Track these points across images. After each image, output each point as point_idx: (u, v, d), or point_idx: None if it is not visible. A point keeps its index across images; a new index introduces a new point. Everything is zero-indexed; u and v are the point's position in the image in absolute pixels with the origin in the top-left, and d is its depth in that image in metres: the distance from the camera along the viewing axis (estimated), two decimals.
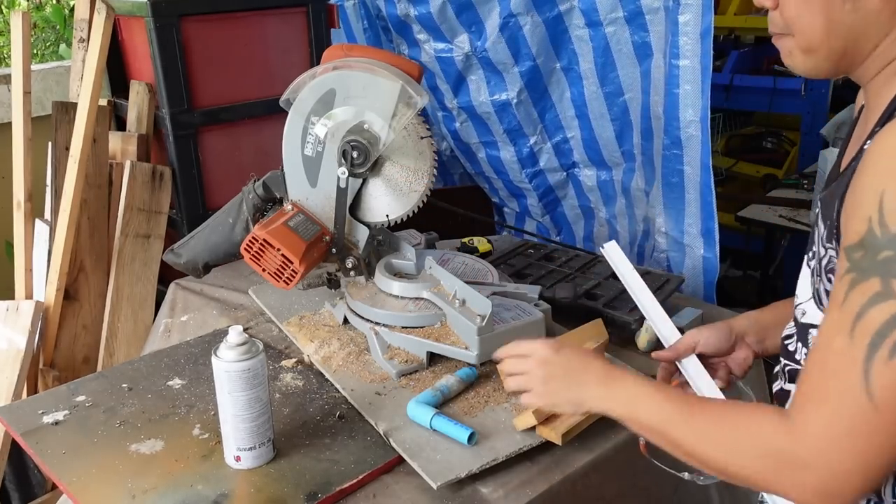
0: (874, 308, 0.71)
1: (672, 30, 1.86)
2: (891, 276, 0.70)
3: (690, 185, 1.98)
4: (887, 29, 0.80)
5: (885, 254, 0.70)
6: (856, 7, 0.80)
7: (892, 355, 0.70)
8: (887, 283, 0.70)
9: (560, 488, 1.16)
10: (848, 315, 0.73)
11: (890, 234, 0.70)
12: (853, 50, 0.83)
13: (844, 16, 0.80)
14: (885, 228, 0.70)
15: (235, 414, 1.13)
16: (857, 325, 0.72)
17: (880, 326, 0.70)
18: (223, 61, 2.11)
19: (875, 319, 0.71)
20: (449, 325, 1.39)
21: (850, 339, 0.72)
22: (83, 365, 2.11)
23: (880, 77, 0.84)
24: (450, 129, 2.71)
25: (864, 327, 0.71)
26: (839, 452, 0.73)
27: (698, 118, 1.87)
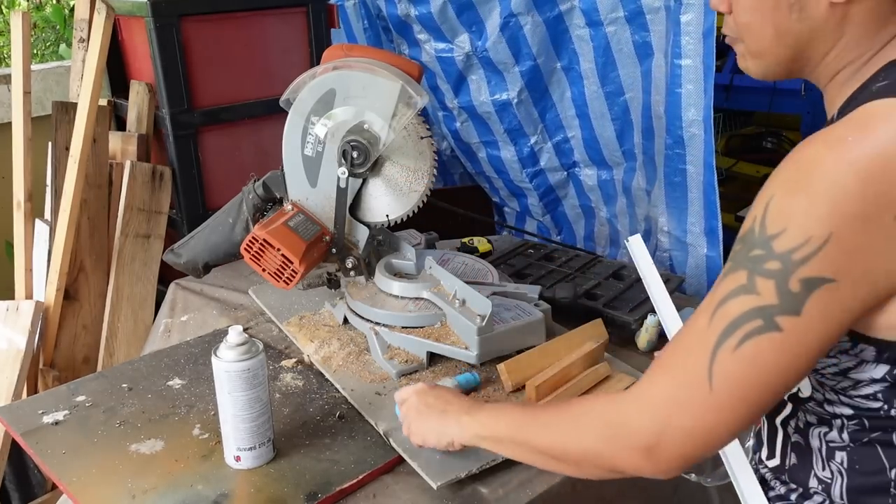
0: (735, 299, 0.75)
1: (674, 29, 1.86)
2: (756, 273, 0.74)
3: (693, 185, 1.98)
4: (835, 37, 0.82)
5: (756, 252, 0.75)
6: (802, 17, 0.82)
7: (737, 346, 0.75)
8: (752, 279, 0.75)
9: (560, 488, 1.16)
10: (714, 300, 0.78)
11: (765, 236, 0.74)
12: (803, 56, 0.85)
13: (791, 24, 0.82)
14: (763, 230, 0.74)
15: (235, 414, 1.13)
16: (718, 310, 0.77)
17: (735, 317, 0.75)
18: (223, 61, 2.11)
19: (733, 310, 0.75)
20: (449, 325, 1.39)
21: (708, 322, 0.77)
22: (83, 365, 2.11)
23: (833, 83, 0.86)
24: (450, 129, 2.71)
25: (723, 314, 0.76)
26: (668, 417, 0.78)
27: (701, 117, 1.87)
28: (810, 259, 0.71)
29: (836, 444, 0.86)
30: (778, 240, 0.73)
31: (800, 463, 0.92)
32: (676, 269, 2.15)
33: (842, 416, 0.85)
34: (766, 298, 0.74)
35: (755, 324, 0.74)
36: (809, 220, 0.71)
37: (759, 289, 0.74)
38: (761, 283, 0.74)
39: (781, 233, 0.73)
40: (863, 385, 0.81)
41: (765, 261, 0.74)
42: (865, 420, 0.83)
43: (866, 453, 0.84)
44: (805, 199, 0.72)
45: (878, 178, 0.70)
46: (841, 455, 0.86)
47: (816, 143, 0.74)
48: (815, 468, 0.90)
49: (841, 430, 0.86)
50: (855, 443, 0.85)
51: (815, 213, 0.71)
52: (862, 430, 0.84)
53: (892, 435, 0.82)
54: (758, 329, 0.74)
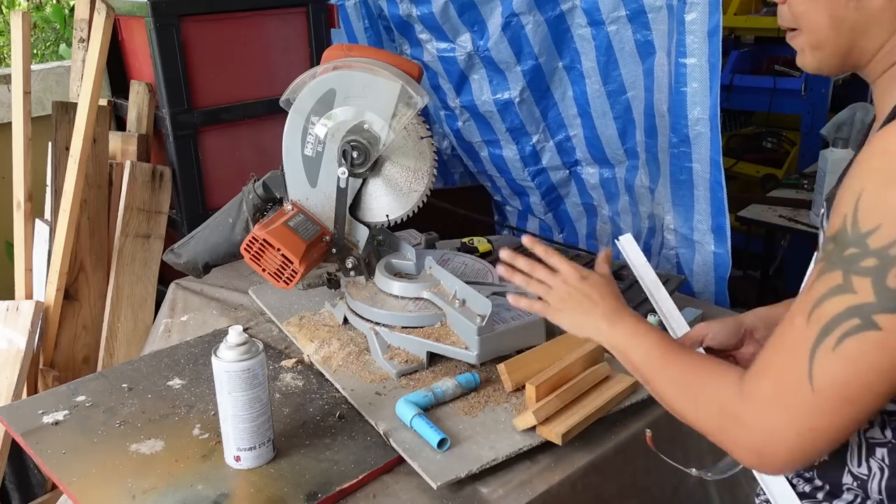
0: (832, 299, 0.74)
1: (679, 28, 1.86)
2: (852, 272, 0.73)
3: (699, 182, 1.98)
4: (892, 28, 0.81)
5: (851, 251, 0.73)
6: (859, 6, 0.81)
7: (836, 345, 0.73)
8: (848, 278, 0.73)
9: (560, 488, 1.16)
10: (810, 299, 0.76)
11: (858, 233, 0.72)
12: (859, 47, 0.84)
13: (848, 13, 0.81)
14: (856, 227, 0.73)
15: (235, 414, 1.13)
16: (815, 310, 0.75)
17: (833, 317, 0.74)
18: (223, 61, 2.11)
19: (830, 310, 0.74)
20: (449, 325, 1.39)
21: (806, 321, 0.76)
22: (83, 365, 2.11)
23: (885, 78, 0.85)
24: (452, 128, 2.71)
25: (820, 314, 0.75)
26: (775, 419, 0.78)
27: (707, 116, 1.87)
28: None
29: (876, 440, 0.85)
30: (874, 236, 0.71)
31: (832, 460, 0.90)
32: (683, 267, 2.14)
33: (883, 413, 0.83)
34: (862, 297, 0.72)
35: (853, 323, 0.73)
36: None
37: (856, 287, 0.72)
38: (858, 282, 0.72)
39: (877, 229, 0.71)
40: None
41: (861, 259, 0.72)
42: None
43: None
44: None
45: None
46: (882, 451, 0.85)
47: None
48: (849, 465, 0.88)
49: (883, 426, 0.84)
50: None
51: None
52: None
53: None
54: (856, 328, 0.72)
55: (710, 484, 1.40)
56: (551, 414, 1.22)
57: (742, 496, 1.45)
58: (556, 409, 1.23)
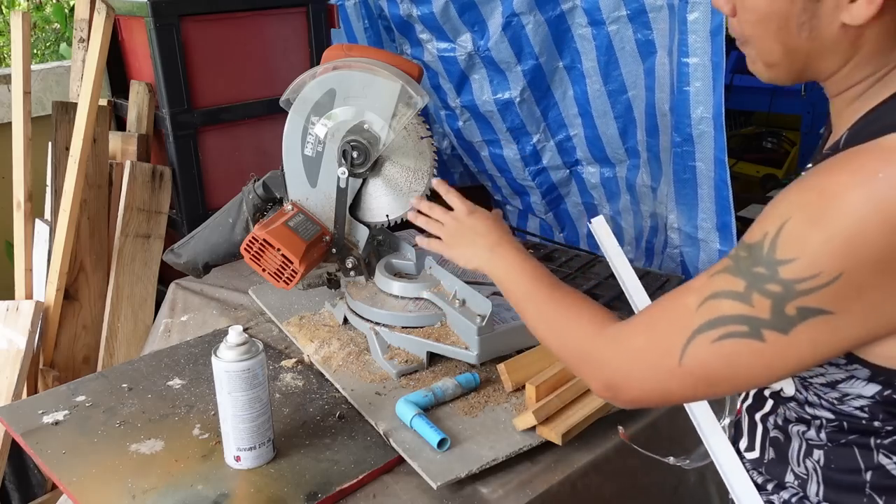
0: (728, 300, 0.76)
1: (680, 28, 1.85)
2: (755, 288, 0.74)
3: (703, 181, 1.98)
4: (847, 56, 0.78)
5: (761, 270, 0.74)
6: (812, 36, 0.78)
7: (717, 339, 0.76)
8: (749, 292, 0.75)
9: (560, 488, 1.16)
10: (709, 288, 0.78)
11: (773, 258, 0.73)
12: (813, 69, 0.82)
13: (801, 42, 0.79)
14: (773, 250, 0.73)
15: (235, 414, 1.13)
16: (709, 301, 0.78)
17: (722, 316, 0.76)
18: (223, 61, 2.11)
19: (723, 309, 0.76)
20: (449, 325, 1.39)
21: (698, 304, 0.78)
22: (83, 365, 2.11)
23: (841, 99, 0.83)
24: (453, 128, 2.71)
25: (712, 307, 0.77)
26: (637, 369, 0.84)
27: (710, 115, 1.87)
28: (813, 292, 0.71)
29: (813, 442, 0.86)
30: (786, 267, 0.72)
31: (777, 458, 0.92)
32: (688, 265, 2.14)
33: (822, 418, 0.85)
34: (758, 312, 0.74)
35: (740, 328, 0.75)
36: (822, 255, 0.70)
37: (755, 303, 0.74)
38: (757, 299, 0.74)
39: (791, 261, 0.72)
40: (850, 399, 0.80)
41: (767, 281, 0.73)
42: (845, 423, 0.83)
43: (843, 453, 0.84)
44: (822, 233, 0.70)
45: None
46: (818, 453, 0.86)
47: (844, 172, 0.71)
48: (791, 464, 0.90)
49: (819, 429, 0.85)
50: (832, 443, 0.84)
51: (830, 249, 0.69)
52: (840, 431, 0.83)
53: (870, 439, 0.81)
54: (741, 333, 0.75)
55: (709, 483, 1.40)
56: (551, 414, 1.22)
57: None
58: (556, 409, 1.22)
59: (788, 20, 0.77)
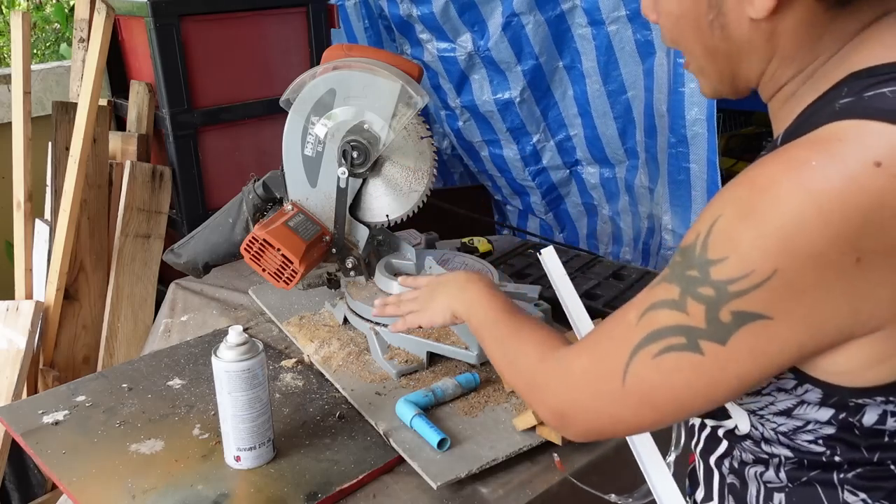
0: (665, 310, 0.72)
1: None
2: (688, 293, 0.70)
3: (697, 183, 1.98)
4: (767, 54, 0.76)
5: (693, 273, 0.70)
6: (725, 35, 0.76)
7: (657, 354, 0.73)
8: (684, 298, 0.71)
9: (560, 488, 1.16)
10: (647, 300, 0.75)
11: (704, 259, 0.69)
12: (741, 74, 0.79)
13: (717, 42, 0.77)
14: (704, 251, 0.69)
15: (235, 414, 1.13)
16: (648, 313, 0.74)
17: (661, 328, 0.73)
18: (223, 61, 2.11)
19: (660, 320, 0.73)
20: None
21: (637, 320, 0.75)
22: (83, 365, 2.11)
23: (775, 101, 0.80)
24: (453, 128, 2.71)
25: (650, 320, 0.74)
26: (582, 395, 0.81)
27: (704, 116, 1.87)
28: (747, 294, 0.66)
29: (773, 484, 0.81)
30: (716, 267, 0.67)
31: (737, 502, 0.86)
32: None
33: (780, 456, 0.79)
34: (693, 320, 0.70)
35: (678, 340, 0.71)
36: (754, 251, 0.65)
37: (689, 310, 0.70)
38: (692, 305, 0.70)
39: (721, 260, 0.67)
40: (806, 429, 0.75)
41: (699, 284, 0.69)
42: (805, 459, 0.77)
43: (805, 494, 0.78)
44: (753, 228, 0.65)
45: (841, 215, 0.61)
46: (779, 497, 0.81)
47: (775, 163, 0.66)
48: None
49: (778, 468, 0.80)
50: (793, 483, 0.79)
51: (762, 245, 0.64)
52: (800, 468, 0.78)
53: (832, 474, 0.76)
54: (680, 346, 0.71)
55: None
56: None
57: None
58: None
59: (699, 20, 0.76)
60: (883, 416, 0.71)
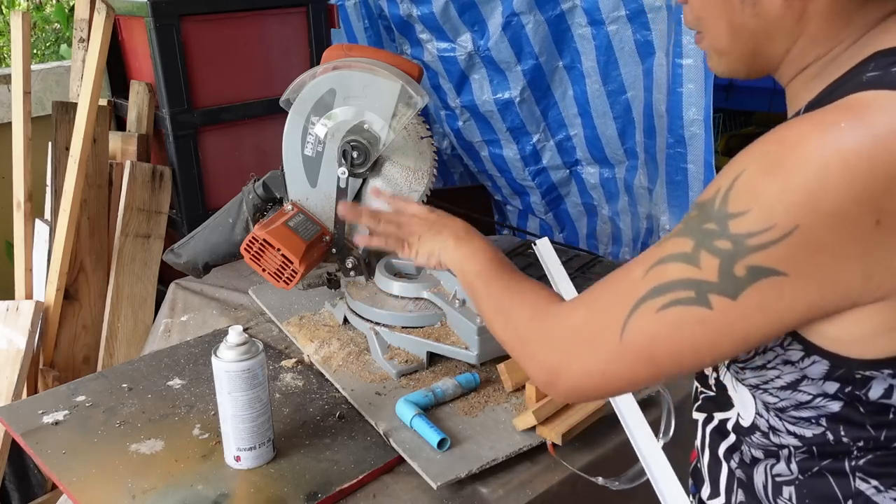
0: (675, 264, 0.71)
1: (675, 28, 1.86)
2: (703, 247, 0.69)
3: (694, 184, 1.98)
4: (794, 34, 0.76)
5: (710, 226, 0.69)
6: (756, 12, 0.76)
7: (661, 308, 0.72)
8: (697, 251, 0.70)
9: (560, 488, 1.16)
10: (654, 255, 0.74)
11: (724, 212, 0.68)
12: (764, 54, 0.79)
13: (746, 20, 0.77)
14: (724, 204, 0.68)
15: (235, 414, 1.13)
16: (655, 268, 0.73)
17: (669, 281, 0.71)
18: (223, 61, 2.11)
19: (669, 273, 0.72)
20: (449, 325, 1.39)
21: (643, 274, 0.74)
22: (83, 365, 2.11)
23: (796, 82, 0.81)
24: (453, 128, 2.71)
25: (658, 273, 0.73)
26: (575, 348, 0.79)
27: (701, 117, 1.87)
28: (766, 248, 0.66)
29: (783, 477, 0.81)
30: (736, 220, 0.67)
31: (748, 500, 0.85)
32: None
33: (789, 447, 0.79)
34: (705, 274, 0.69)
35: (687, 293, 0.70)
36: (778, 206, 0.65)
37: (702, 263, 0.69)
38: (705, 259, 0.69)
39: (742, 213, 0.67)
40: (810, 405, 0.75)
41: (716, 237, 0.68)
42: (814, 448, 0.77)
43: (816, 485, 0.78)
44: (778, 183, 0.65)
45: (868, 173, 0.62)
46: (789, 490, 0.80)
47: (804, 124, 0.67)
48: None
49: (788, 460, 0.80)
50: (804, 474, 0.79)
51: (786, 199, 0.64)
52: (811, 458, 0.78)
53: (844, 462, 0.76)
54: (688, 300, 0.70)
55: None
56: (551, 414, 1.22)
57: None
58: (556, 409, 1.22)
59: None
60: (889, 389, 0.71)
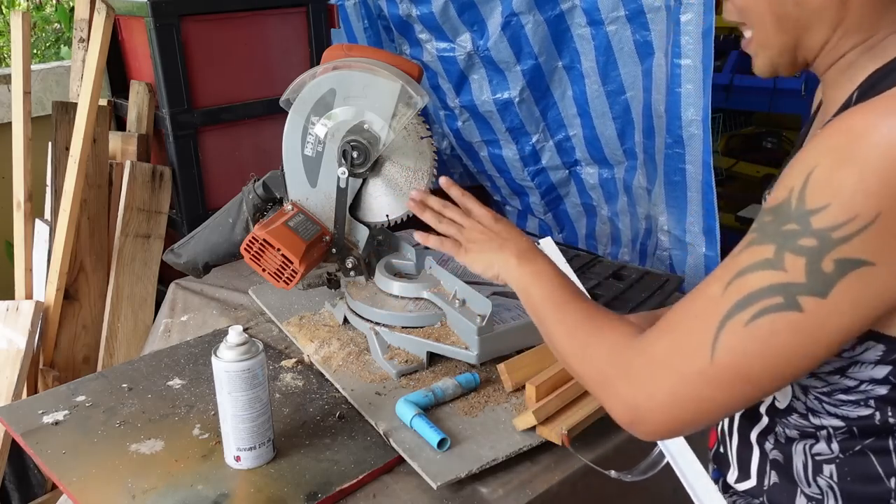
0: (757, 273, 0.70)
1: (674, 29, 1.86)
2: (786, 248, 0.69)
3: (692, 184, 1.98)
4: (834, 23, 0.78)
5: (791, 226, 0.69)
6: (798, 1, 0.78)
7: (749, 321, 0.70)
8: (780, 254, 0.69)
9: (560, 488, 1.16)
10: (731, 269, 0.72)
11: (802, 210, 0.68)
12: (805, 44, 0.81)
13: (789, 9, 0.79)
14: (801, 203, 0.68)
15: (235, 414, 1.13)
16: (735, 281, 0.71)
17: (754, 291, 0.70)
18: (223, 61, 2.11)
19: (752, 283, 0.70)
20: (449, 325, 1.39)
21: (723, 290, 0.72)
22: (83, 365, 2.11)
23: (833, 71, 0.82)
24: (452, 128, 2.71)
25: (740, 286, 0.71)
26: (663, 380, 0.75)
27: (700, 117, 1.87)
28: (851, 239, 0.65)
29: (823, 456, 0.81)
30: (818, 216, 0.67)
31: (782, 482, 0.85)
32: (676, 268, 2.15)
33: (828, 427, 0.79)
34: (792, 276, 0.68)
35: (775, 300, 0.69)
36: (857, 196, 0.65)
37: (787, 265, 0.68)
38: (790, 260, 0.68)
39: (823, 209, 0.67)
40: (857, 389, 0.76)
41: (799, 237, 0.68)
42: (855, 428, 0.78)
43: (858, 463, 0.79)
44: (854, 173, 0.65)
45: None
46: (829, 468, 0.81)
47: (868, 113, 0.67)
48: (801, 486, 0.84)
49: (829, 440, 0.80)
50: (845, 453, 0.79)
51: (865, 188, 0.65)
52: (852, 438, 0.78)
53: (887, 440, 0.77)
54: (777, 306, 0.68)
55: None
56: (551, 414, 1.22)
57: None
58: (556, 409, 1.23)
59: None
60: None
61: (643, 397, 0.76)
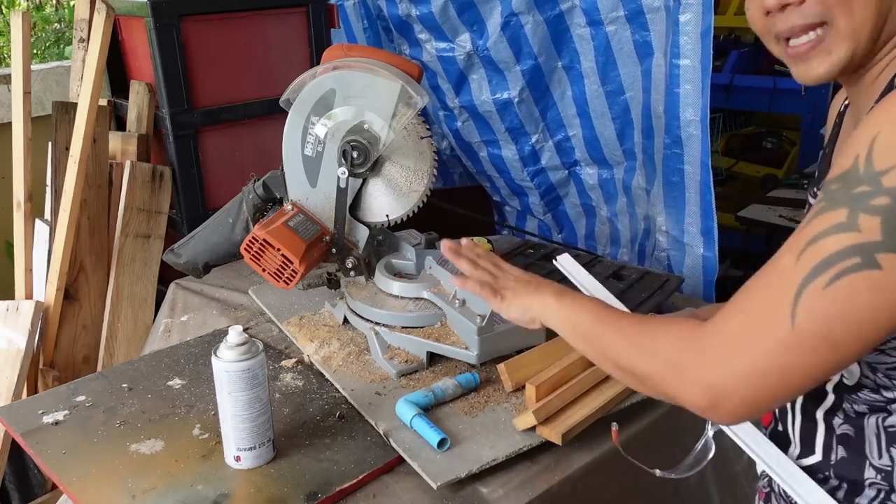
0: (832, 237, 0.70)
1: (673, 29, 1.86)
2: (860, 209, 0.69)
3: (691, 184, 1.98)
4: None
5: (862, 188, 0.70)
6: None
7: (828, 284, 0.70)
8: (854, 216, 0.69)
9: (560, 488, 1.16)
10: (803, 238, 0.73)
11: (872, 171, 0.69)
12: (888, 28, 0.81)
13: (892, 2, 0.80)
14: (870, 165, 0.70)
15: (235, 414, 1.13)
16: (809, 248, 0.71)
17: (830, 254, 0.70)
18: (223, 61, 2.11)
19: (828, 247, 0.70)
20: (449, 325, 1.39)
21: (796, 259, 0.72)
22: (83, 365, 2.11)
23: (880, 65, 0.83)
24: (451, 129, 2.71)
25: (815, 252, 0.71)
26: (742, 355, 0.73)
27: (698, 118, 1.87)
28: None
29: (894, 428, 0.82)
30: (888, 175, 0.68)
31: (850, 455, 0.86)
32: (674, 269, 2.15)
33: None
34: (868, 235, 0.68)
35: (852, 261, 0.69)
36: None
37: (862, 226, 0.69)
38: (865, 220, 0.69)
39: (892, 168, 0.68)
40: None
41: (872, 197, 0.69)
42: None
43: None
44: None
45: None
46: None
47: None
48: (870, 458, 0.84)
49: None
50: None
51: None
52: None
53: None
54: (855, 266, 0.68)
55: (710, 483, 1.40)
56: (551, 414, 1.22)
57: (742, 496, 1.45)
58: (556, 409, 1.23)
59: None
60: None
61: (722, 375, 0.74)
